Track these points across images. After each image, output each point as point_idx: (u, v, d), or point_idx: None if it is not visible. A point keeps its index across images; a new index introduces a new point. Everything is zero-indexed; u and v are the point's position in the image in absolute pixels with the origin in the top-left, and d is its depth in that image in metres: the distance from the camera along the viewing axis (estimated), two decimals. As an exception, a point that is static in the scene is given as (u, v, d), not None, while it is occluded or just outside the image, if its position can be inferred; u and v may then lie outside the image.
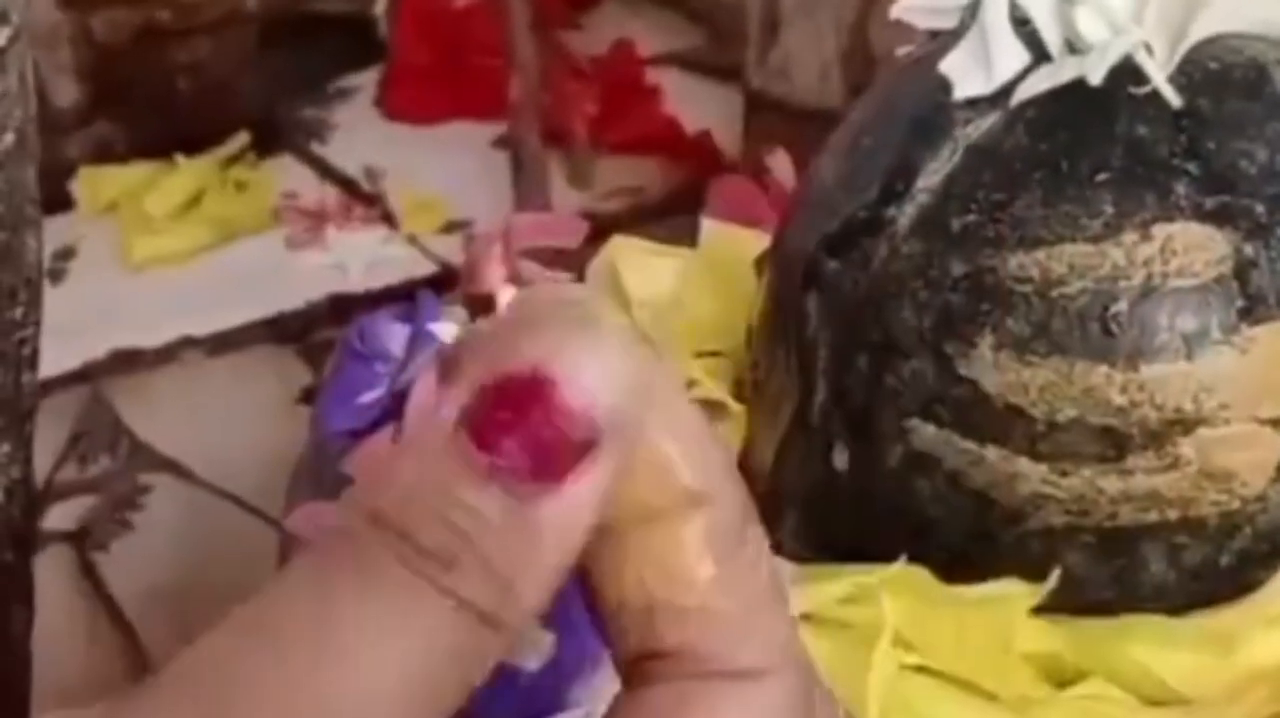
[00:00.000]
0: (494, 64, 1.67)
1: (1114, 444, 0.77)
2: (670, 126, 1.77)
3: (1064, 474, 0.78)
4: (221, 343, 1.66)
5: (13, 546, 0.67)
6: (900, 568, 0.79)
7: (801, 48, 1.49)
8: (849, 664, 0.76)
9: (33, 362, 0.65)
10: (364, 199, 1.76)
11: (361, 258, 1.69)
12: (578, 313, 0.39)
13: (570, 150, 1.75)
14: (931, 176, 0.80)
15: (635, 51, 1.84)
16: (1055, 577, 0.78)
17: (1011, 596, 0.78)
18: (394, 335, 0.98)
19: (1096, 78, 0.78)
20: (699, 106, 1.79)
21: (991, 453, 0.79)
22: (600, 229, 1.15)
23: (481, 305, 0.99)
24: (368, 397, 0.97)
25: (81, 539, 1.56)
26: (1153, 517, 0.78)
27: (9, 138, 0.60)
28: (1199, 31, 0.79)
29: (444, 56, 1.88)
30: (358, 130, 1.89)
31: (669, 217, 1.65)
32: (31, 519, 0.70)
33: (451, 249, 1.67)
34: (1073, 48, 0.79)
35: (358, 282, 1.68)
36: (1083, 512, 0.78)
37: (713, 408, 0.90)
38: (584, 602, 0.65)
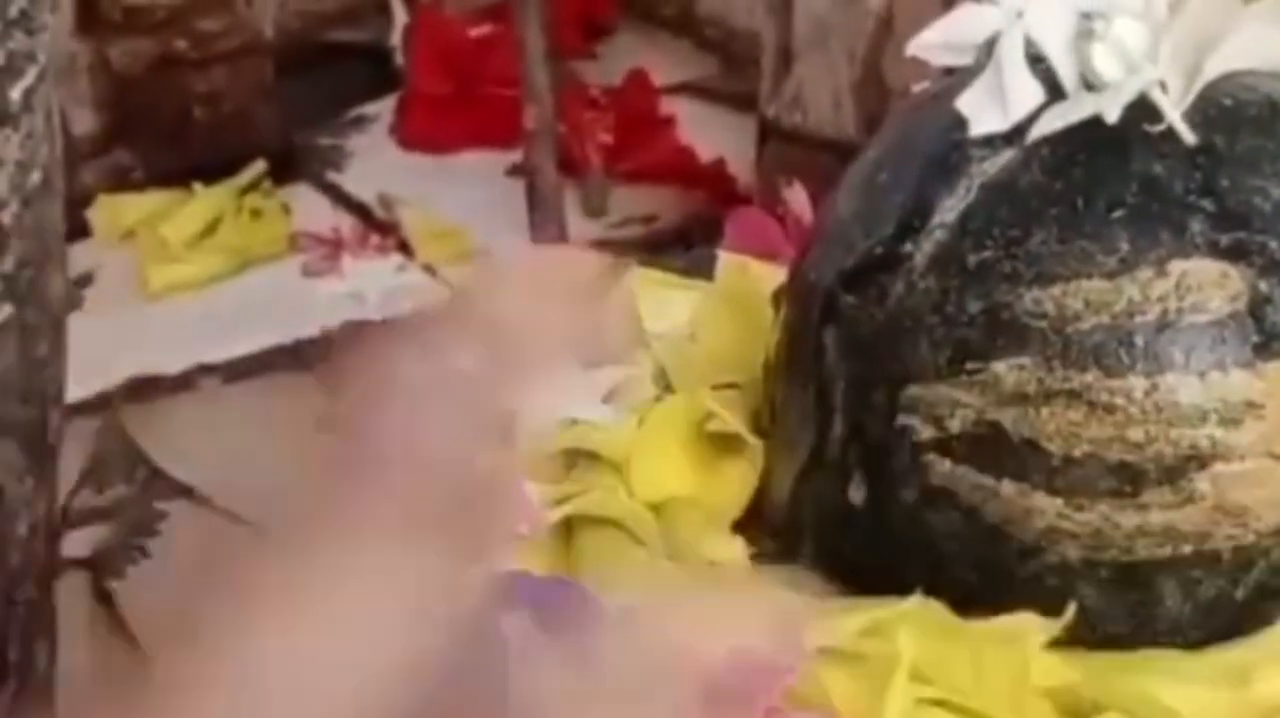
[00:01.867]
0: (509, 94, 1.67)
1: (1129, 479, 0.77)
2: (684, 155, 1.77)
3: (1080, 509, 0.78)
4: (238, 370, 1.66)
5: (36, 581, 0.67)
6: (917, 602, 0.79)
7: (815, 78, 1.49)
8: (866, 698, 0.77)
9: (58, 399, 0.66)
10: (380, 227, 1.77)
11: (377, 286, 1.70)
12: None
13: (585, 179, 1.75)
14: (948, 213, 0.80)
15: (650, 81, 1.84)
16: (1071, 611, 0.78)
17: (1027, 630, 0.78)
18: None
19: (1112, 115, 0.78)
20: (713, 135, 1.79)
21: (1007, 488, 0.79)
22: (615, 257, 1.16)
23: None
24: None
25: (98, 566, 1.56)
26: (1168, 551, 0.79)
27: (35, 176, 0.61)
28: (1213, 69, 0.79)
29: (460, 86, 1.88)
30: (373, 159, 1.89)
31: (683, 244, 1.65)
32: (55, 555, 0.70)
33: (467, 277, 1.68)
34: (1088, 85, 0.80)
35: (374, 309, 1.68)
36: (1098, 546, 0.79)
37: (730, 441, 0.90)
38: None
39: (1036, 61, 0.80)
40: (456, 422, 0.55)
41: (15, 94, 0.59)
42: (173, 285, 1.72)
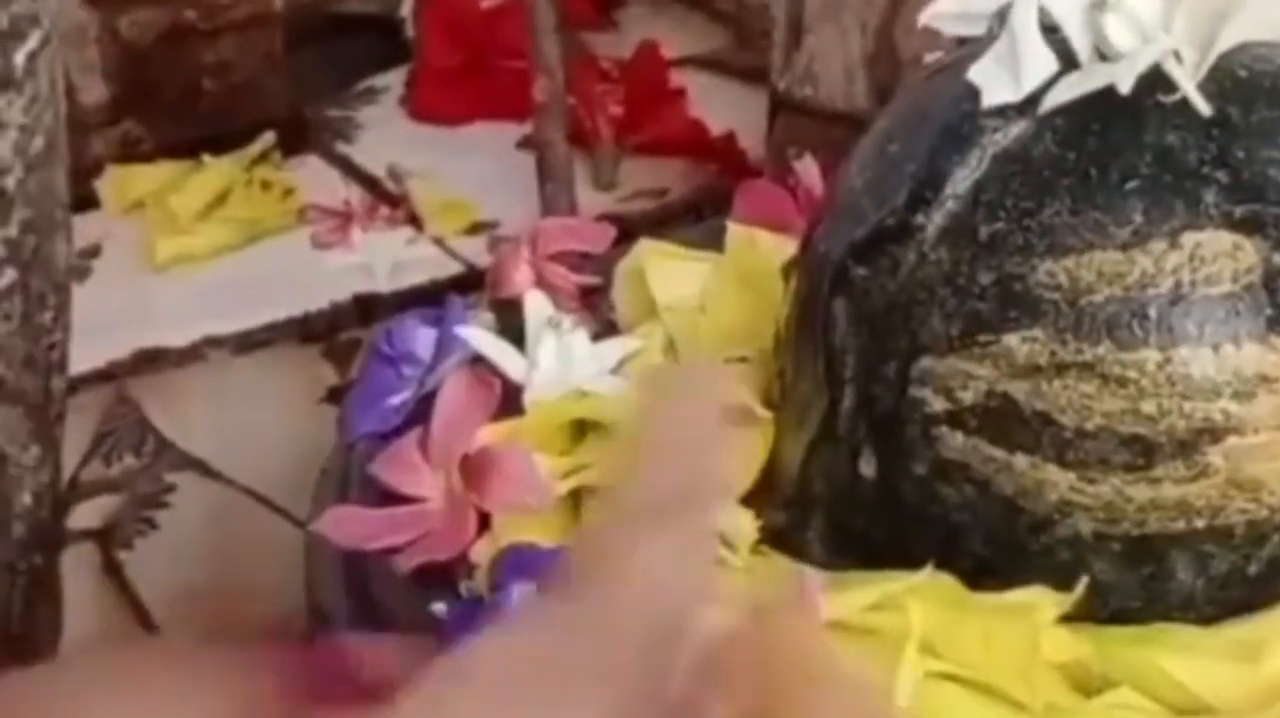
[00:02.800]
0: (520, 66, 1.66)
1: (1142, 452, 0.77)
2: (695, 128, 1.76)
3: (1092, 482, 0.78)
4: (246, 342, 1.65)
5: (41, 549, 0.67)
6: (928, 576, 0.79)
7: (827, 50, 1.49)
8: (877, 671, 0.76)
9: (62, 366, 0.65)
10: (389, 199, 1.76)
11: (387, 258, 1.69)
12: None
13: (595, 152, 1.74)
14: (960, 184, 0.80)
15: (660, 53, 1.83)
16: (1082, 585, 0.78)
17: (1038, 604, 0.78)
18: (421, 339, 0.98)
19: (1126, 86, 0.77)
20: (724, 108, 1.78)
21: (1020, 460, 0.79)
22: (625, 230, 1.16)
23: (508, 309, 1.00)
24: (394, 400, 0.97)
25: (106, 538, 1.56)
26: (1180, 525, 0.78)
27: (39, 141, 0.61)
28: (1228, 40, 0.79)
29: (470, 58, 1.87)
30: (384, 131, 1.88)
31: (694, 217, 1.65)
32: (59, 523, 0.70)
33: (477, 250, 1.67)
34: (1102, 55, 0.79)
35: (383, 282, 1.67)
36: (1111, 520, 0.78)
37: (740, 413, 0.90)
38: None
39: (1050, 31, 0.80)
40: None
41: (19, 58, 0.59)
42: (181, 257, 1.71)
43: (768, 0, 1.58)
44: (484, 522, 0.88)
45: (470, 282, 1.52)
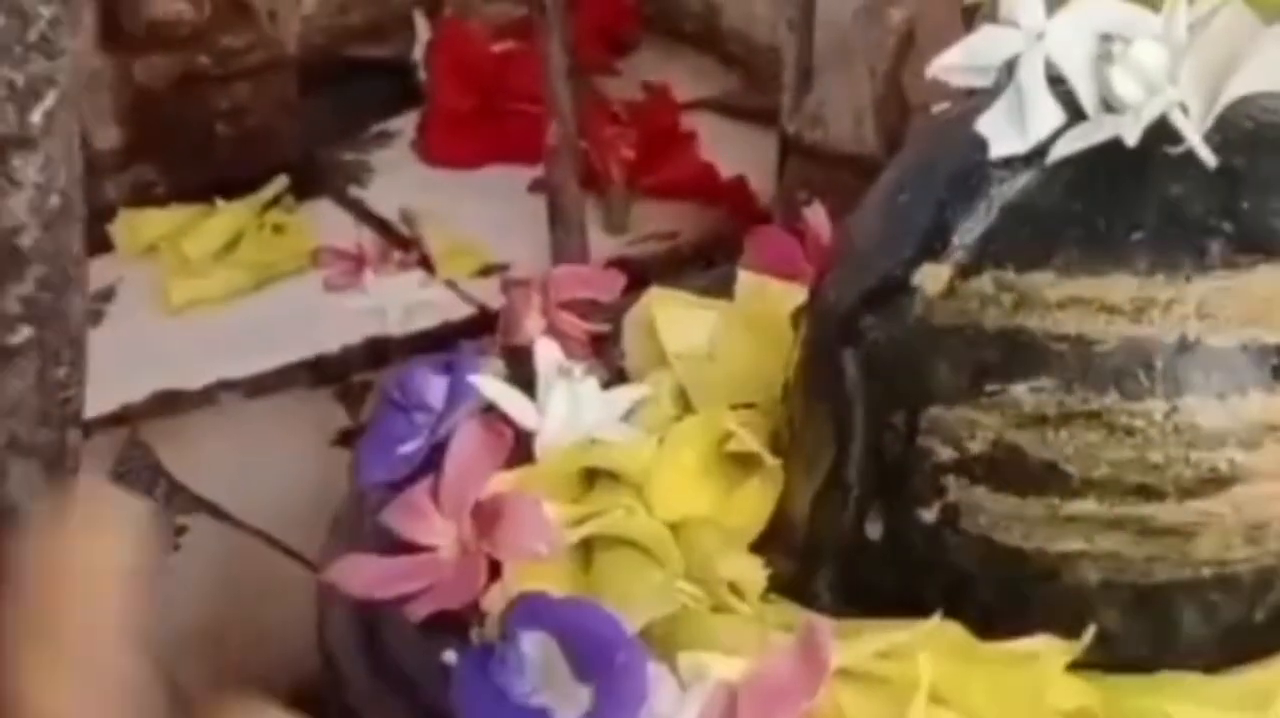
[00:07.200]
0: (531, 109, 1.67)
1: (1149, 502, 0.78)
2: (706, 171, 1.77)
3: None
4: (259, 386, 1.66)
5: (55, 600, 0.68)
6: (936, 624, 0.79)
7: (836, 94, 1.49)
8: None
9: (77, 420, 0.66)
10: (402, 243, 1.77)
11: (399, 301, 1.69)
12: None
13: (607, 195, 1.75)
14: (967, 234, 0.81)
15: (671, 97, 1.84)
16: (1090, 633, 0.78)
17: (1046, 652, 0.78)
18: (433, 387, 0.99)
19: (1132, 137, 0.78)
20: (734, 151, 1.78)
21: (1027, 509, 0.79)
22: (636, 272, 1.16)
23: (519, 356, 1.00)
24: (406, 448, 0.98)
25: (119, 580, 1.56)
26: (1187, 574, 0.79)
27: (54, 200, 0.61)
28: (1234, 91, 0.79)
29: (482, 102, 1.88)
30: (396, 174, 1.89)
31: (704, 261, 1.65)
32: (74, 575, 0.71)
33: (489, 293, 1.67)
34: (1108, 107, 0.80)
35: (395, 325, 1.68)
36: (1117, 569, 0.79)
37: (749, 460, 0.90)
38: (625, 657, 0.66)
39: (1057, 83, 0.80)
40: None
41: (35, 117, 0.59)
42: (194, 300, 1.71)
43: (778, 44, 1.59)
44: (495, 570, 0.88)
45: (482, 324, 1.53)
